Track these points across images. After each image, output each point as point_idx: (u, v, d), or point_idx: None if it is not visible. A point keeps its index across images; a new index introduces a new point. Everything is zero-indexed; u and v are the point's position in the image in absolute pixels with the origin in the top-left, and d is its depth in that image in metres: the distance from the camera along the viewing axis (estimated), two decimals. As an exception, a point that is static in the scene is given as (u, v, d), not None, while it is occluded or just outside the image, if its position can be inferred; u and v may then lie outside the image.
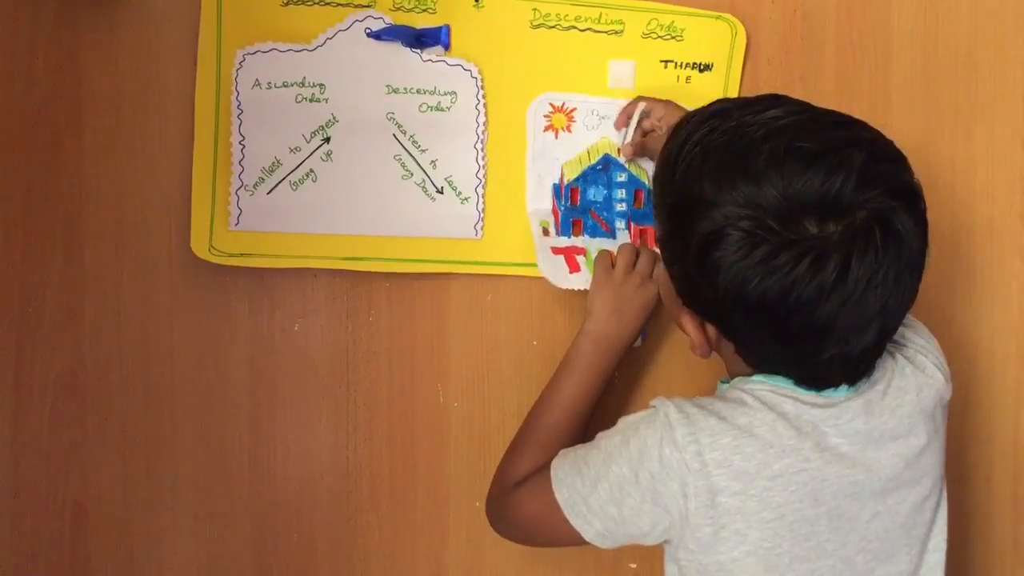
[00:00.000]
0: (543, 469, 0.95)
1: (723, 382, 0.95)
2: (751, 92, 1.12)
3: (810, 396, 0.88)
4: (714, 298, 0.83)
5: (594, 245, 1.11)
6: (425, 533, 1.15)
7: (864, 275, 0.79)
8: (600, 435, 0.93)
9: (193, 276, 1.09)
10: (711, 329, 0.90)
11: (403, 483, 1.14)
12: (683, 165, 0.85)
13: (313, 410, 1.13)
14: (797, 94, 1.11)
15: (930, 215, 0.84)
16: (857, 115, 1.09)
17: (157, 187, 1.07)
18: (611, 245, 1.11)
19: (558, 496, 0.92)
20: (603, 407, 1.11)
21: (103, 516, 1.11)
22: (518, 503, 0.98)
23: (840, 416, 0.87)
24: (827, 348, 0.83)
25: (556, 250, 1.09)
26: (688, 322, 0.91)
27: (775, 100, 0.86)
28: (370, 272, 1.11)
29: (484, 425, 1.15)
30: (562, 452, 0.95)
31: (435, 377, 1.14)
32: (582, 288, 1.07)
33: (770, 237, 0.79)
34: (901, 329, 0.95)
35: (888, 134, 0.86)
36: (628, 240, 1.12)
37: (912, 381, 0.91)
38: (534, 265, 1.12)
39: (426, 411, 1.14)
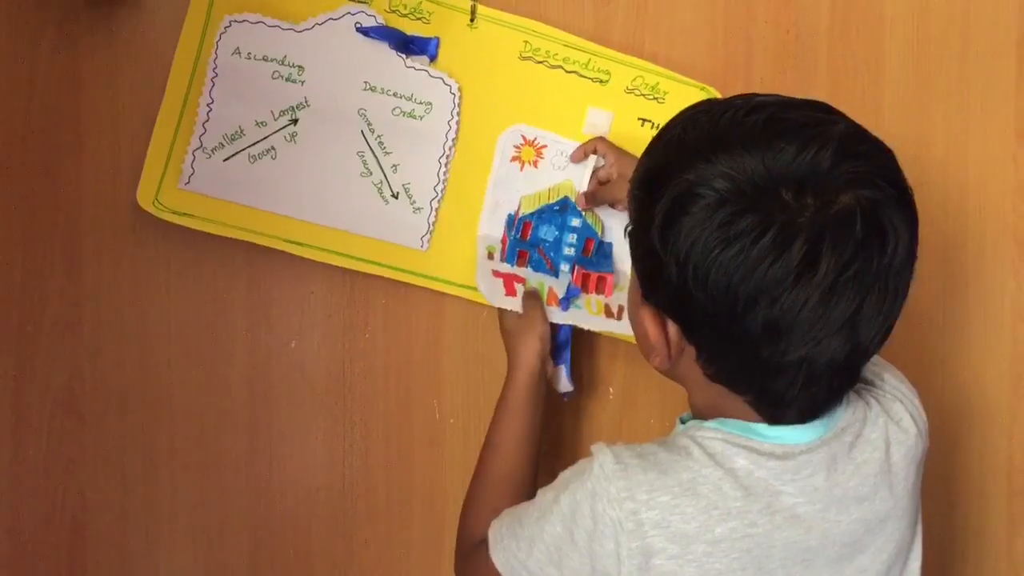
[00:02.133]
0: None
1: (682, 420, 0.88)
2: None
3: (768, 445, 0.80)
4: (677, 279, 0.75)
5: (534, 278, 1.10)
6: (421, 549, 1.15)
7: (836, 266, 0.72)
8: (540, 490, 0.86)
9: (192, 293, 1.11)
10: (673, 329, 0.81)
11: (399, 499, 1.15)
12: (661, 143, 0.80)
13: (310, 426, 1.13)
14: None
15: (922, 231, 0.77)
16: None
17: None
18: (551, 282, 1.11)
19: (495, 559, 0.85)
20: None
21: (101, 532, 1.11)
22: (474, 567, 0.91)
23: (799, 471, 0.80)
24: (791, 350, 0.74)
25: (496, 273, 1.09)
26: (648, 319, 0.81)
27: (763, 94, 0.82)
28: (365, 288, 1.12)
29: (480, 441, 1.12)
30: (504, 512, 0.89)
31: (431, 393, 1.14)
32: (517, 310, 1.07)
33: (738, 200, 0.73)
34: (876, 369, 0.89)
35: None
36: (570, 280, 1.12)
37: (883, 434, 0.84)
38: (473, 288, 1.11)
39: (422, 427, 1.15)
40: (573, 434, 1.16)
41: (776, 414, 0.81)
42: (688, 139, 0.78)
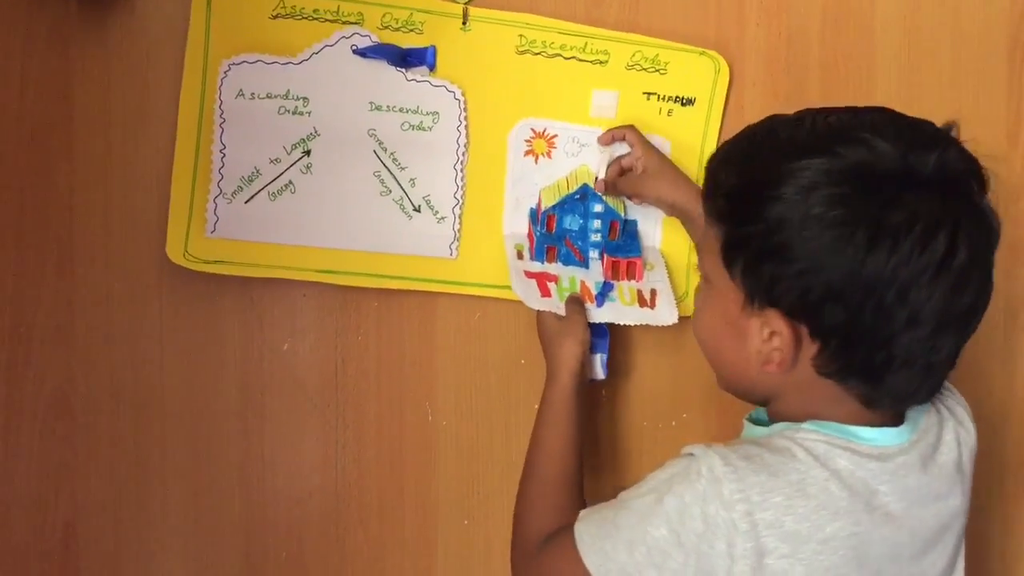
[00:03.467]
0: (564, 531, 0.89)
1: (753, 421, 0.89)
2: (735, 118, 1.15)
3: (866, 447, 0.82)
4: (818, 277, 0.76)
5: (566, 273, 1.11)
6: (414, 551, 1.16)
7: (967, 255, 0.76)
8: (624, 494, 0.86)
9: (183, 296, 1.11)
10: (800, 331, 0.80)
11: (392, 501, 1.15)
12: (762, 147, 0.81)
13: (302, 429, 1.14)
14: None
15: None
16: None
17: (147, 209, 1.08)
18: (583, 274, 1.12)
19: (588, 562, 0.85)
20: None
21: (93, 536, 1.11)
22: (542, 568, 0.92)
23: (896, 472, 0.83)
24: (923, 340, 0.77)
25: (529, 274, 1.10)
26: (769, 325, 0.81)
27: None
28: (357, 291, 1.12)
29: (472, 443, 1.16)
30: (583, 514, 0.89)
31: (423, 396, 1.15)
32: (554, 311, 1.08)
33: (880, 190, 0.75)
34: None
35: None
36: (600, 272, 1.13)
37: (955, 436, 0.88)
38: (507, 287, 1.12)
39: (414, 430, 1.15)
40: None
41: (884, 407, 0.83)
42: (799, 138, 0.79)
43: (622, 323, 1.10)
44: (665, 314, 1.11)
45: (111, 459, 1.11)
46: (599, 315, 1.09)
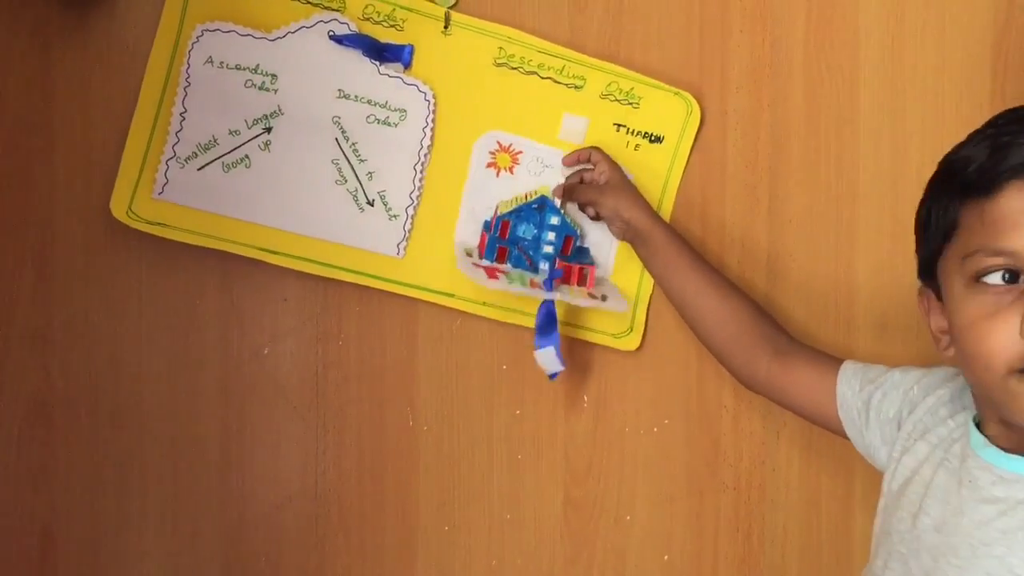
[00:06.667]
0: None
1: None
2: (718, 123, 1.15)
3: None
4: None
5: (515, 272, 1.10)
6: (394, 557, 1.15)
7: None
8: None
9: (163, 300, 1.11)
10: None
11: (372, 507, 1.15)
12: None
13: (282, 434, 1.13)
14: (766, 121, 1.14)
15: (898, 245, 0.84)
16: (825, 143, 1.13)
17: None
18: (532, 275, 1.10)
19: None
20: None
21: (72, 540, 1.11)
22: None
23: None
24: None
25: (477, 265, 1.09)
26: None
27: None
28: (339, 295, 1.12)
29: (453, 449, 1.15)
30: None
31: (404, 401, 1.14)
32: (501, 290, 1.08)
33: None
34: None
35: (856, 162, 0.85)
36: (551, 264, 1.11)
37: None
38: (450, 295, 1.12)
39: (395, 435, 1.15)
40: (548, 442, 1.16)
41: None
42: None
43: (572, 303, 1.09)
44: (617, 305, 1.10)
45: (89, 463, 1.11)
46: (549, 296, 1.08)
